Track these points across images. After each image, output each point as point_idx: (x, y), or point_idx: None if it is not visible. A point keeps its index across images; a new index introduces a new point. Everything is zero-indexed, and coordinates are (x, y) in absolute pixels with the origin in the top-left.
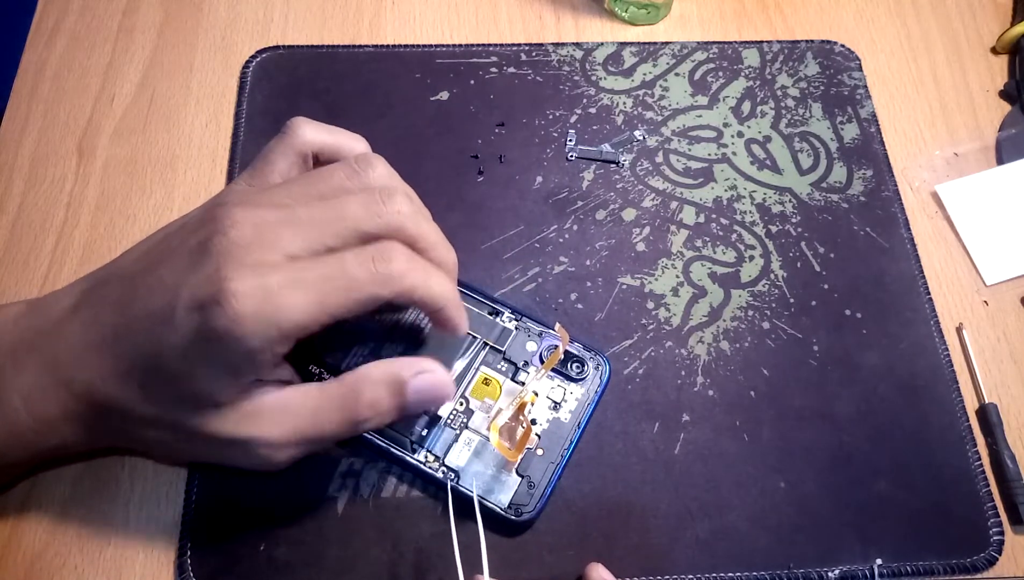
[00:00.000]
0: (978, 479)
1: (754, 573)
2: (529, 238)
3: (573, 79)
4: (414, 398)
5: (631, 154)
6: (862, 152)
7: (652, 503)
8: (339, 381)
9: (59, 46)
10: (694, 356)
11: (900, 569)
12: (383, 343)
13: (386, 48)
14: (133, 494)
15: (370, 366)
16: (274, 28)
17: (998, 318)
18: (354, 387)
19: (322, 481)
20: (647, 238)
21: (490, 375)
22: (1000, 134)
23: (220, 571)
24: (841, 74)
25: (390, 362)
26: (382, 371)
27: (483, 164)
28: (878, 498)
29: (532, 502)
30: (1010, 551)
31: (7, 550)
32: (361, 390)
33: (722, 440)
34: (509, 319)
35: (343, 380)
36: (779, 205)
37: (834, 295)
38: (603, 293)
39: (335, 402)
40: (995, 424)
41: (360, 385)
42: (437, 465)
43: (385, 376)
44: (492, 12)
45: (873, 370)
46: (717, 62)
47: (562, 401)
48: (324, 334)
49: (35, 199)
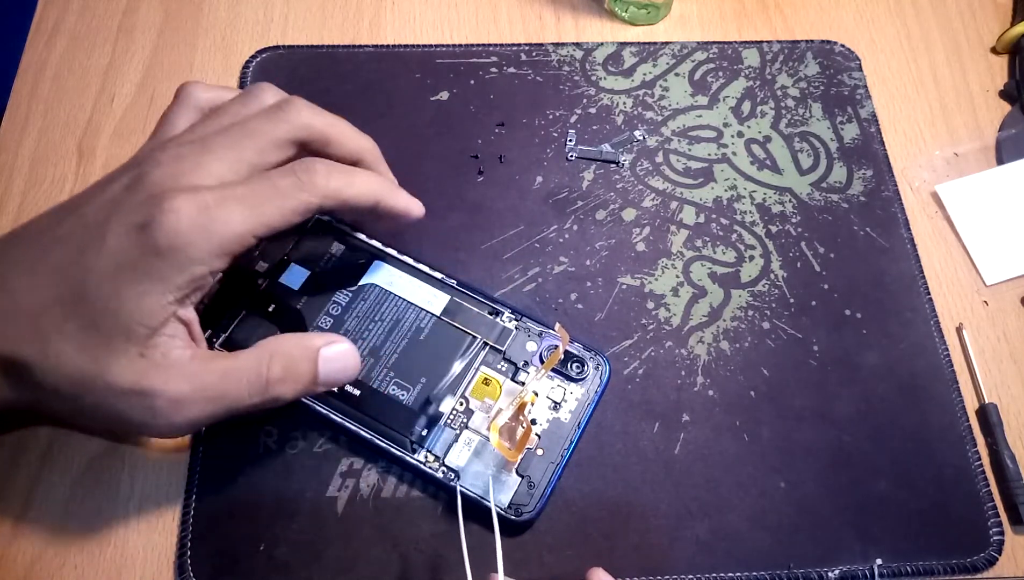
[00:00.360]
0: (978, 479)
1: (754, 573)
2: (529, 238)
3: (573, 79)
4: (325, 367)
5: (631, 154)
6: (862, 152)
7: (652, 503)
8: (252, 348)
9: (59, 46)
10: (694, 356)
11: (900, 569)
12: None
13: (386, 48)
14: (133, 494)
15: (284, 336)
16: (274, 28)
17: (998, 318)
18: (266, 352)
19: (322, 481)
20: (647, 238)
21: (490, 375)
22: (1000, 134)
23: (220, 571)
24: (841, 74)
25: (303, 334)
26: (295, 341)
27: (483, 164)
28: (878, 498)
29: (532, 502)
30: (1010, 551)
31: (7, 550)
32: (273, 356)
33: (722, 440)
34: (509, 319)
35: (256, 346)
36: (779, 205)
37: (834, 295)
38: (603, 293)
39: (246, 365)
40: (995, 424)
41: (273, 351)
42: (437, 465)
43: (298, 345)
44: (492, 12)
45: (873, 370)
46: (717, 62)
47: (562, 401)
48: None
49: (35, 199)
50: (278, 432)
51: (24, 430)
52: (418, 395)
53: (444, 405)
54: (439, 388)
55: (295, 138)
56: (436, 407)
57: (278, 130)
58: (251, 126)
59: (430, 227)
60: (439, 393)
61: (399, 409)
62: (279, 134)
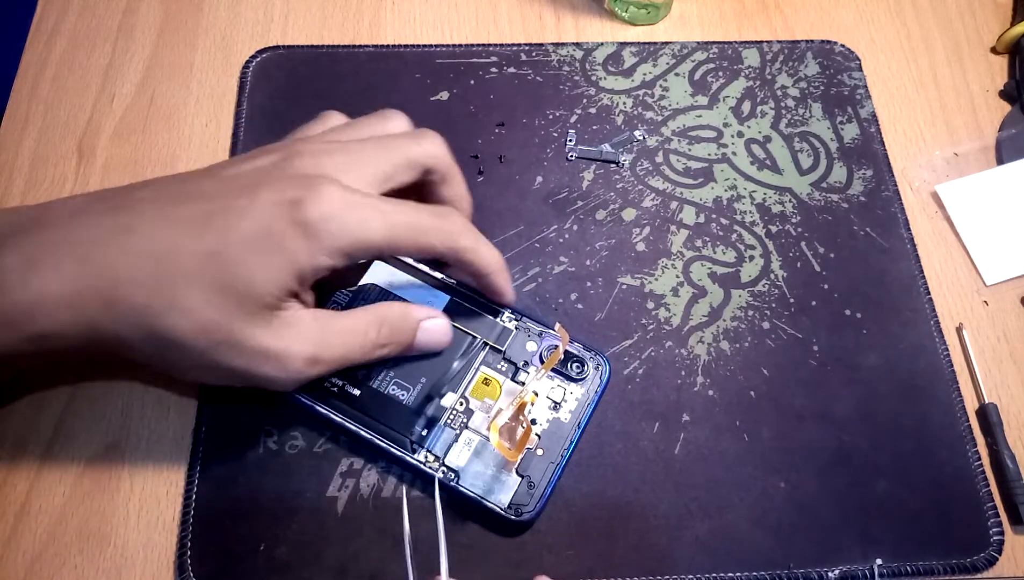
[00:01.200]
0: (978, 479)
1: (754, 573)
2: (529, 238)
3: (573, 79)
4: (423, 337)
5: (631, 154)
6: (862, 152)
7: (652, 503)
8: (363, 311)
9: (59, 46)
10: (694, 356)
11: (900, 569)
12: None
13: (386, 48)
14: (133, 494)
15: (390, 304)
16: (274, 28)
17: (998, 318)
18: (377, 318)
19: (322, 481)
20: (647, 238)
21: (490, 375)
22: (1000, 134)
23: (220, 571)
24: (841, 74)
25: (403, 304)
26: (401, 310)
27: (483, 164)
28: (878, 498)
29: (532, 502)
30: (1010, 551)
31: (7, 550)
32: (384, 322)
33: (722, 440)
34: (509, 319)
35: (366, 310)
36: (779, 205)
37: (834, 295)
38: (603, 293)
39: (361, 327)
40: (995, 424)
41: (383, 318)
42: (437, 465)
43: (404, 315)
44: (492, 12)
45: (873, 370)
46: (717, 62)
47: (562, 401)
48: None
49: (35, 199)
50: (278, 432)
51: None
52: (418, 395)
53: (444, 405)
54: (439, 388)
55: (426, 164)
56: (436, 407)
57: (414, 152)
58: (389, 142)
59: None
60: (439, 393)
61: (399, 409)
62: (414, 155)
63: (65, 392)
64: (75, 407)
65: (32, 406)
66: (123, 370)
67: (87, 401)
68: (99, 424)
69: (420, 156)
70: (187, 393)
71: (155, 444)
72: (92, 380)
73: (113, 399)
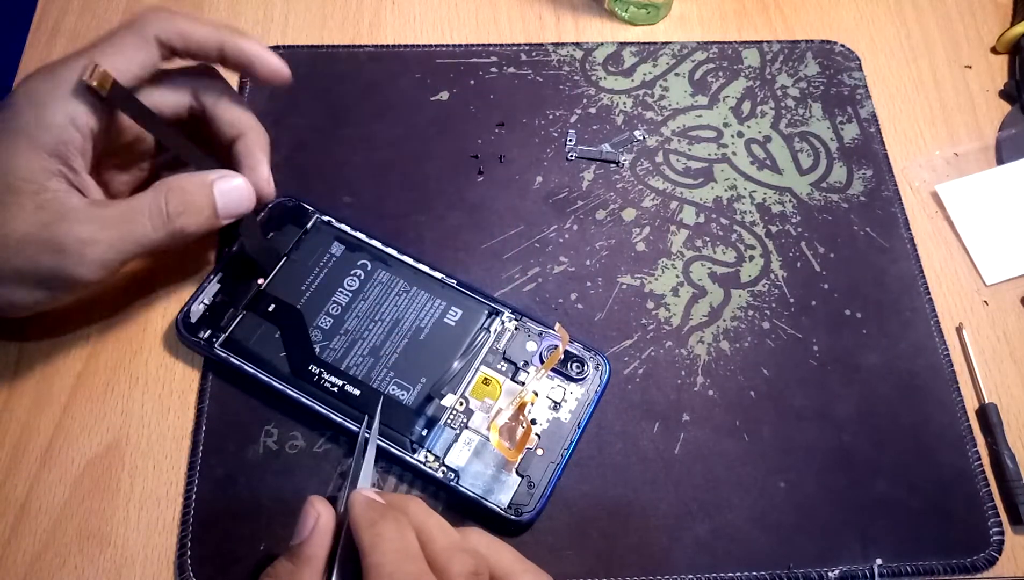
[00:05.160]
0: (978, 479)
1: (754, 573)
2: (529, 238)
3: (573, 79)
4: (223, 200)
5: (631, 154)
6: (862, 152)
7: (652, 503)
8: (149, 188)
9: (59, 46)
10: (694, 356)
11: (900, 569)
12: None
13: (386, 48)
14: (133, 494)
15: (180, 174)
16: (274, 28)
17: (998, 318)
18: (163, 188)
19: (322, 481)
20: (647, 238)
21: (490, 375)
22: (1000, 134)
23: (220, 571)
24: (841, 74)
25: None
26: (190, 177)
27: (483, 164)
28: (878, 498)
29: (532, 502)
30: (1010, 551)
31: (7, 550)
32: (170, 191)
33: (722, 440)
34: (509, 319)
35: (153, 186)
36: (779, 205)
37: (834, 295)
38: (603, 293)
39: (144, 202)
40: (995, 424)
41: (169, 187)
42: (437, 465)
43: (192, 180)
44: (492, 12)
45: (873, 370)
46: (717, 62)
47: (562, 401)
48: (311, 320)
49: None
50: (278, 432)
51: (22, 427)
52: (418, 395)
53: (444, 405)
54: (439, 388)
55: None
56: (436, 407)
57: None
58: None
59: (430, 227)
60: (439, 393)
61: (399, 409)
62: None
63: (65, 392)
64: (75, 407)
65: (32, 406)
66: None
67: (87, 401)
68: (99, 424)
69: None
70: (187, 393)
71: (155, 444)
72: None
73: (113, 399)
